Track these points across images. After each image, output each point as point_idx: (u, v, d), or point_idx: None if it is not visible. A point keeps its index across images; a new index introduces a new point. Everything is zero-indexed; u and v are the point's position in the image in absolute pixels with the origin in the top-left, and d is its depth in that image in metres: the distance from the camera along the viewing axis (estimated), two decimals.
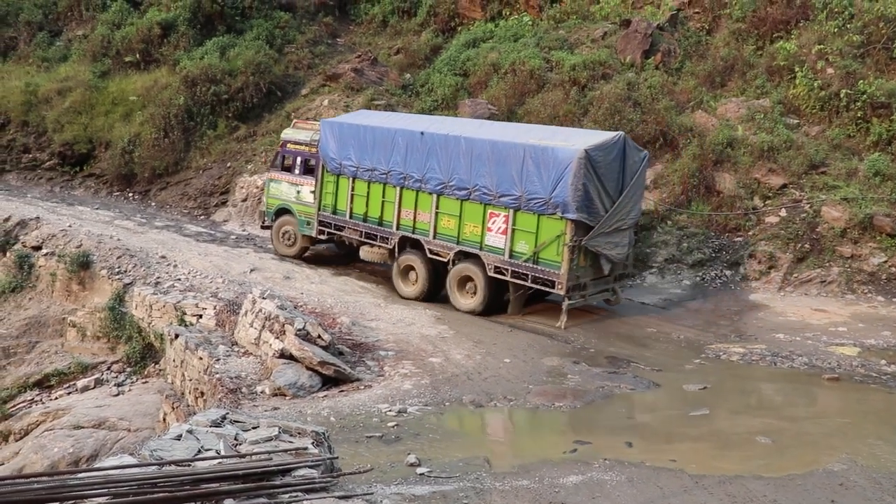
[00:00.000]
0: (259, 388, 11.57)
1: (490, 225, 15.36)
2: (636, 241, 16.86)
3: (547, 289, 15.00)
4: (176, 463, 6.42)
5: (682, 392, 12.00)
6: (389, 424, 10.04)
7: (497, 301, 15.75)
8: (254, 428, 7.31)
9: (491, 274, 15.28)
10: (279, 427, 7.29)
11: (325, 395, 11.31)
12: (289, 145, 19.34)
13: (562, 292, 14.59)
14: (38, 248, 19.36)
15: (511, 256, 15.02)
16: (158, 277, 17.14)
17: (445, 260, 16.04)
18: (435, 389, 11.53)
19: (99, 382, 16.41)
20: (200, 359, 12.69)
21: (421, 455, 8.86)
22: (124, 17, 29.89)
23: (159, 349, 15.86)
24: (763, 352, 13.95)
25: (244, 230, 22.47)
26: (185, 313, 15.17)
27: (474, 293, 15.72)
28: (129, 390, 15.89)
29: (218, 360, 12.49)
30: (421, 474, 8.29)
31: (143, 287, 16.69)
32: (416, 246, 16.49)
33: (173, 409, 13.19)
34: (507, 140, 15.31)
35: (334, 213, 17.97)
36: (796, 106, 20.50)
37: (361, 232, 17.43)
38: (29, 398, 16.70)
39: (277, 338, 12.17)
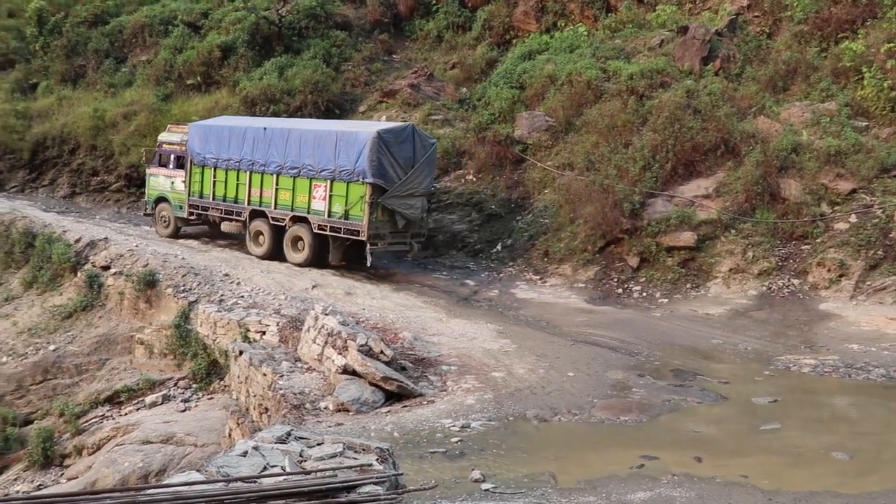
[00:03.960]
0: (322, 404, 11.62)
1: (314, 194, 19.53)
2: (430, 208, 20.71)
3: (354, 237, 18.92)
4: (242, 479, 6.48)
5: (751, 405, 11.70)
6: (453, 440, 9.98)
7: (321, 255, 19.71)
8: (318, 444, 7.33)
9: (316, 231, 19.46)
10: (343, 443, 7.30)
11: (389, 411, 11.30)
12: (164, 145, 23.50)
13: (364, 238, 18.64)
14: (106, 268, 19.86)
15: (329, 216, 19.21)
16: (222, 295, 17.42)
17: (283, 224, 20.15)
18: (498, 404, 11.44)
19: (166, 398, 16.70)
20: (264, 375, 12.81)
21: (485, 471, 8.79)
22: (185, 42, 30.63)
23: (224, 366, 16.07)
24: (836, 363, 13.52)
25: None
26: (248, 330, 15.34)
27: (303, 249, 19.80)
28: (196, 406, 16.14)
29: (281, 376, 12.59)
30: (486, 490, 8.22)
31: (208, 305, 16.97)
32: (263, 216, 20.59)
33: (238, 424, 13.33)
34: (324, 129, 20.13)
35: (201, 197, 22.05)
36: (864, 108, 19.90)
37: (222, 210, 21.59)
38: (100, 414, 17.09)
39: (340, 353, 12.23)
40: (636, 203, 19.29)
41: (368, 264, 19.15)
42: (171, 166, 23.09)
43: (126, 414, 16.71)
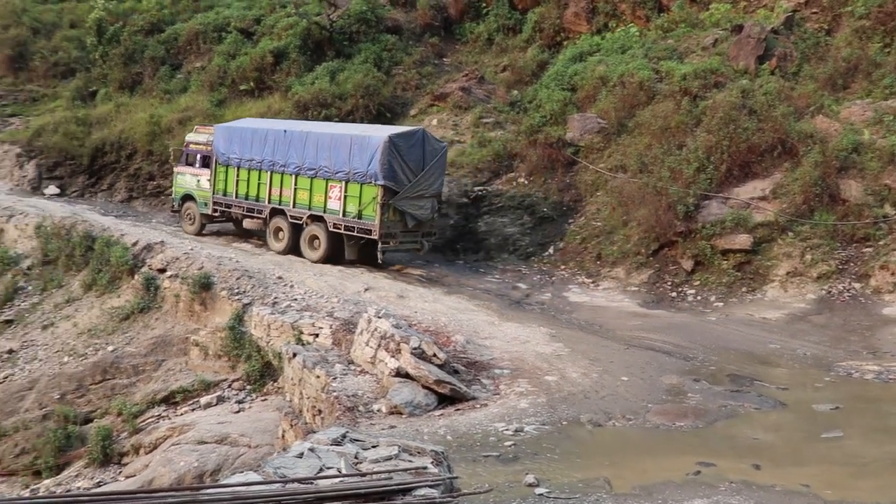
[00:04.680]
0: (375, 407, 11.68)
1: (330, 194, 20.46)
2: (439, 209, 21.22)
3: (367, 236, 19.79)
4: (299, 481, 6.51)
5: (811, 412, 11.43)
6: (506, 444, 9.94)
7: (336, 252, 20.56)
8: (373, 447, 7.34)
9: (331, 230, 20.39)
10: (398, 446, 7.30)
11: (442, 414, 11.31)
12: (191, 145, 24.53)
13: (376, 237, 19.54)
14: (162, 271, 20.23)
15: (344, 215, 20.12)
16: (276, 298, 17.61)
17: (301, 222, 21.12)
18: (551, 408, 11.36)
19: (221, 399, 16.94)
20: (318, 377, 12.91)
21: (539, 475, 8.73)
22: (239, 48, 31.11)
23: (277, 367, 16.24)
24: None
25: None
26: (301, 332, 15.47)
27: (319, 247, 20.72)
28: (249, 407, 16.34)
29: (335, 378, 12.67)
30: (540, 495, 8.17)
31: (262, 307, 17.18)
32: (282, 214, 21.59)
33: (291, 426, 13.44)
34: (340, 132, 20.99)
35: (224, 195, 23.09)
36: None
37: (244, 208, 22.64)
38: (157, 413, 17.41)
39: (393, 356, 12.27)
40: (690, 205, 19.01)
41: (380, 261, 20.10)
42: (197, 165, 24.15)
43: (182, 414, 16.99)
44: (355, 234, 20.09)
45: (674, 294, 18.27)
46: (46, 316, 21.30)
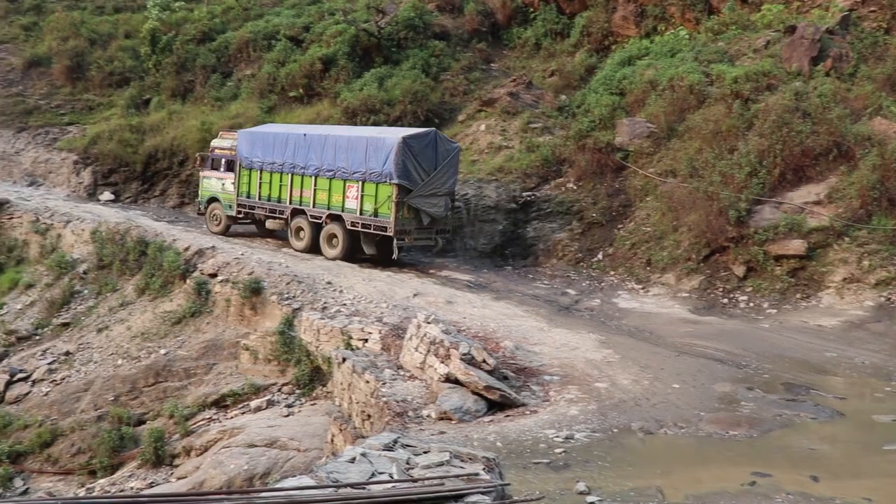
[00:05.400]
0: (425, 412, 11.65)
1: (348, 194, 21.36)
2: (454, 206, 22.02)
3: (383, 233, 20.62)
4: (352, 485, 6.53)
5: (871, 423, 11.13)
6: (557, 451, 9.85)
7: (354, 250, 21.47)
8: (425, 452, 7.33)
9: (349, 227, 21.27)
10: (450, 452, 7.27)
11: (491, 420, 11.25)
12: (216, 150, 25.63)
13: (392, 234, 20.35)
14: (214, 276, 20.52)
15: (361, 214, 20.99)
16: (325, 303, 17.73)
17: (321, 221, 22.03)
18: (602, 415, 11.23)
19: (270, 403, 17.09)
20: (367, 382, 12.94)
21: (591, 483, 8.64)
22: (288, 55, 31.49)
23: (327, 372, 16.35)
24: None
25: (406, 254, 23.01)
26: (351, 337, 15.55)
27: (338, 245, 21.56)
28: (299, 411, 16.45)
29: (384, 383, 12.69)
30: (591, 503, 8.06)
31: (311, 312, 17.30)
32: (302, 214, 22.55)
33: (341, 430, 13.51)
34: (356, 135, 21.90)
35: (248, 197, 24.18)
36: None
37: (267, 209, 23.64)
38: (207, 416, 17.64)
39: (442, 362, 12.25)
40: (742, 210, 18.68)
41: (395, 257, 20.85)
42: (221, 169, 25.24)
43: (232, 417, 17.19)
44: (372, 231, 20.91)
45: (725, 300, 17.97)
46: (101, 319, 21.76)
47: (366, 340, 15.33)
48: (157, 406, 18.39)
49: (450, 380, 12.06)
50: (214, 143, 26.23)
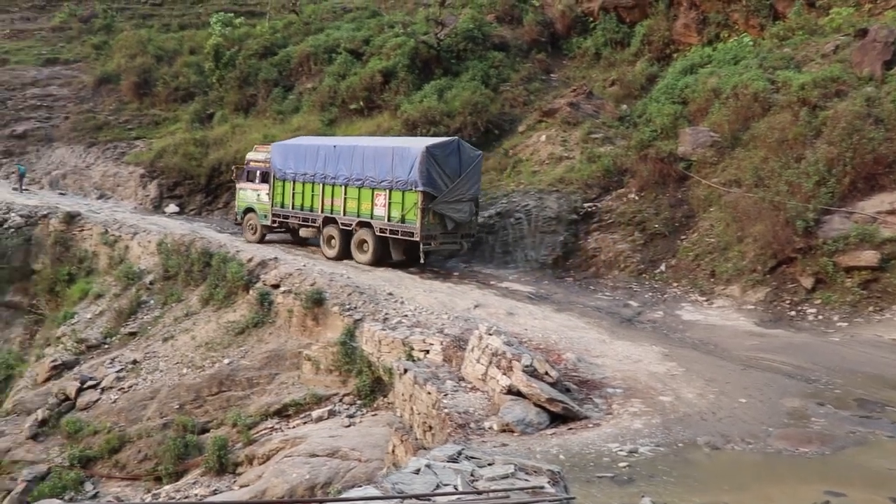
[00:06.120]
0: (487, 424, 11.61)
1: (376, 202, 22.43)
2: (476, 212, 22.85)
3: (410, 238, 21.60)
4: (417, 497, 6.58)
5: None
6: (621, 465, 9.72)
7: (383, 256, 22.59)
8: (489, 465, 7.35)
9: (378, 234, 22.36)
10: (514, 464, 7.28)
11: (554, 433, 11.16)
12: (251, 163, 26.90)
13: (418, 239, 21.38)
14: (276, 287, 20.87)
15: (389, 220, 22.06)
16: (386, 314, 17.86)
17: (351, 229, 23.12)
18: (667, 429, 11.06)
19: (332, 413, 17.25)
20: (429, 393, 12.97)
21: (656, 498, 8.50)
22: (348, 68, 31.94)
23: (388, 383, 16.44)
24: None
25: (466, 266, 23.09)
26: (412, 348, 15.63)
27: (368, 250, 22.71)
28: (360, 422, 16.57)
29: (446, 394, 12.69)
30: None
31: (373, 323, 17.45)
32: (334, 222, 23.61)
33: (402, 441, 13.55)
34: (383, 145, 22.96)
35: (282, 207, 25.38)
36: None
37: (300, 218, 24.85)
38: (270, 426, 17.89)
39: (504, 374, 12.21)
40: (810, 220, 18.23)
41: (422, 261, 21.96)
42: (256, 181, 26.53)
43: (294, 427, 17.39)
44: (400, 236, 21.90)
45: (793, 313, 17.55)
46: (167, 329, 22.29)
47: (427, 351, 15.38)
48: (220, 415, 18.74)
49: (512, 392, 11.99)
50: (249, 155, 27.41)
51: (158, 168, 33.98)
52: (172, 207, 32.99)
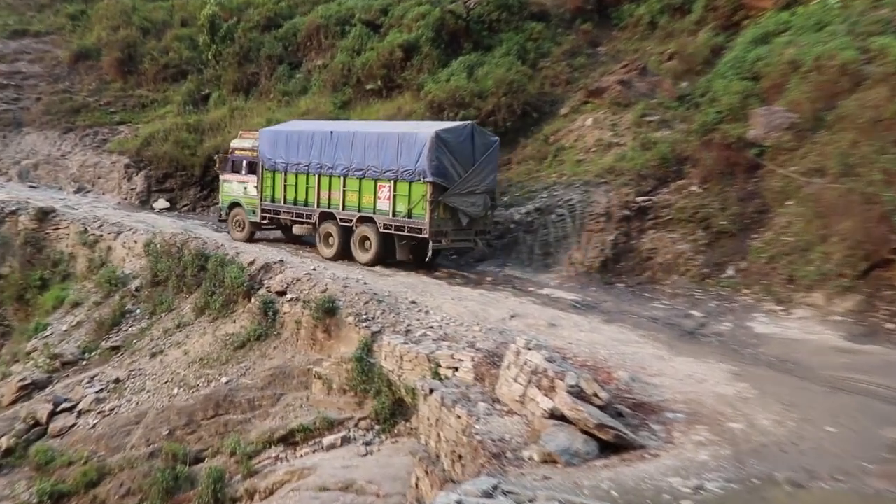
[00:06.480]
0: (526, 453, 11.52)
1: (379, 194, 22.79)
2: (493, 205, 23.41)
3: (418, 235, 21.99)
4: None
5: None
6: (684, 503, 9.59)
7: (387, 254, 23.12)
8: (530, 501, 7.24)
9: (382, 230, 22.77)
10: (559, 501, 7.16)
11: (604, 465, 11.03)
12: (236, 151, 27.48)
13: (427, 236, 21.71)
14: (282, 294, 20.89)
15: (394, 215, 22.42)
16: (409, 325, 17.82)
17: (351, 225, 23.59)
18: (738, 462, 10.89)
19: (346, 440, 17.19)
20: (458, 417, 12.89)
21: None
22: (364, 43, 32.01)
23: (410, 405, 16.39)
24: None
25: (500, 270, 22.99)
26: (439, 365, 15.58)
27: (370, 249, 23.19)
28: (378, 450, 16.52)
29: (478, 419, 12.61)
30: None
31: (393, 336, 17.40)
32: (331, 217, 24.11)
33: (427, 473, 13.49)
34: (386, 130, 23.17)
35: (273, 201, 25.90)
36: None
37: (293, 213, 25.37)
38: (274, 455, 17.84)
39: (546, 395, 12.11)
40: None
41: (428, 260, 22.49)
42: (243, 172, 27.19)
43: (302, 456, 17.36)
44: (406, 233, 22.37)
45: (890, 325, 17.25)
46: (155, 342, 22.42)
47: (456, 369, 15.32)
48: (216, 442, 18.72)
49: (555, 416, 11.90)
50: (234, 143, 27.93)
51: (146, 157, 34.28)
52: (162, 203, 33.29)
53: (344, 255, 23.85)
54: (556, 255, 22.77)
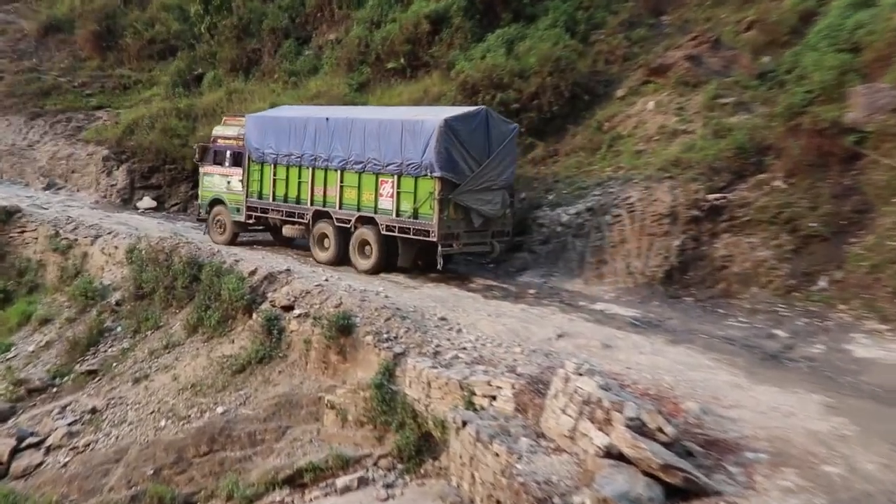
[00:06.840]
0: (577, 499, 11.57)
1: (381, 191, 23.18)
2: (511, 203, 23.74)
3: (425, 238, 22.19)
4: None
5: None
6: None
7: (390, 260, 23.45)
8: None
9: (384, 232, 23.14)
10: None
11: None
12: (219, 140, 27.96)
13: (435, 239, 21.89)
14: (289, 309, 20.98)
15: (398, 215, 22.73)
16: (438, 346, 17.84)
17: (349, 227, 23.96)
18: None
19: (363, 482, 17.18)
20: (496, 455, 12.95)
21: None
22: (385, 13, 32.09)
23: (440, 440, 16.39)
24: None
25: (545, 281, 22.98)
26: (473, 393, 15.56)
27: (370, 255, 23.52)
28: (402, 494, 16.50)
29: (520, 457, 12.67)
30: None
31: (419, 358, 17.41)
32: (327, 217, 24.57)
33: None
34: (389, 118, 23.57)
35: (260, 197, 26.38)
36: None
37: (283, 212, 25.82)
38: (278, 498, 17.87)
39: (601, 429, 12.16)
40: None
41: (440, 267, 22.52)
42: (226, 164, 27.71)
43: (311, 500, 17.41)
44: (411, 236, 22.65)
45: None
46: (139, 366, 22.58)
47: (494, 398, 15.32)
48: (210, 483, 18.79)
49: (611, 454, 11.95)
50: (216, 130, 28.44)
51: (128, 148, 34.54)
52: (147, 201, 33.58)
53: (341, 260, 24.28)
54: (612, 264, 22.76)
